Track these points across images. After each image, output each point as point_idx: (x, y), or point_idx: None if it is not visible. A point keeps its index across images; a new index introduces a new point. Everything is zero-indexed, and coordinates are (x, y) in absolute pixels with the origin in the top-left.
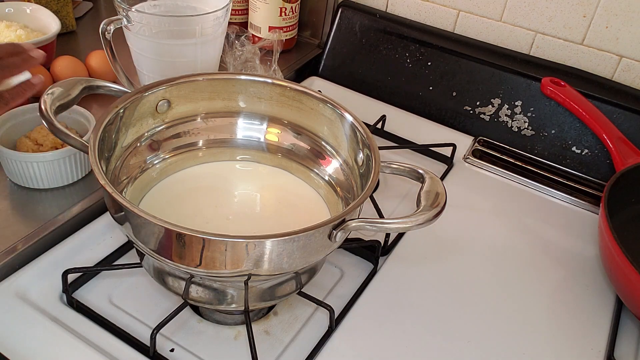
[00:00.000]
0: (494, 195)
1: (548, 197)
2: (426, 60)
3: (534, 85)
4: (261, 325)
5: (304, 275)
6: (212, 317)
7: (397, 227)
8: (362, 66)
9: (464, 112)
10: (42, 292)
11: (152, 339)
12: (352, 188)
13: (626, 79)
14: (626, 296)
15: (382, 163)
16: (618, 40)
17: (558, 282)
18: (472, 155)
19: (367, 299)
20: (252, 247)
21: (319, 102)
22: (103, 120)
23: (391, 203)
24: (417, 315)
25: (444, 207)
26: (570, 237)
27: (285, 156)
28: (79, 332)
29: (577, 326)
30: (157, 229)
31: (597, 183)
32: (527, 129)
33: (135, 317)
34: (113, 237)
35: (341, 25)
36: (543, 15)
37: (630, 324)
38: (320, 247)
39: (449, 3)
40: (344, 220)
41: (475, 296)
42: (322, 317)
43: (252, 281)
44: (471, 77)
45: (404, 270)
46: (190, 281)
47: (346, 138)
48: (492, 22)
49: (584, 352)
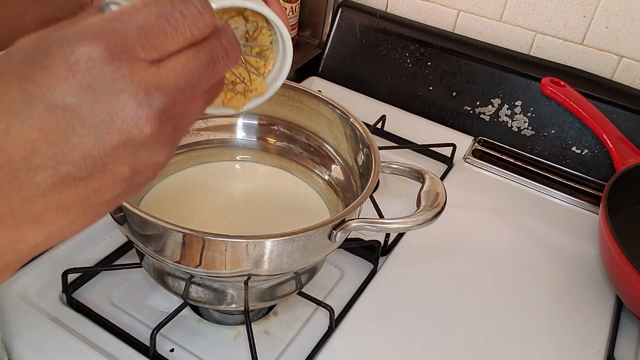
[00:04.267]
0: (494, 195)
1: (548, 197)
2: (426, 60)
3: (534, 85)
4: (261, 325)
5: (304, 275)
6: (212, 317)
7: (397, 227)
8: (362, 66)
9: (464, 112)
10: (42, 292)
11: (152, 339)
12: (352, 188)
13: (626, 79)
14: (626, 296)
15: (382, 163)
16: (618, 40)
17: (558, 282)
18: (472, 155)
19: (367, 299)
20: (252, 247)
21: (319, 102)
22: None
23: (391, 203)
24: (417, 315)
25: (443, 207)
26: (570, 237)
27: (285, 156)
28: (79, 332)
29: (577, 326)
30: (157, 229)
31: (597, 183)
32: (527, 129)
33: (135, 317)
34: (113, 237)
35: (341, 25)
36: (543, 15)
37: (630, 324)
38: (320, 247)
39: (449, 3)
40: (344, 220)
41: (475, 296)
42: (322, 317)
43: (252, 281)
44: (471, 77)
45: (404, 271)
46: (190, 281)
47: (346, 138)
48: (492, 22)
49: (584, 352)
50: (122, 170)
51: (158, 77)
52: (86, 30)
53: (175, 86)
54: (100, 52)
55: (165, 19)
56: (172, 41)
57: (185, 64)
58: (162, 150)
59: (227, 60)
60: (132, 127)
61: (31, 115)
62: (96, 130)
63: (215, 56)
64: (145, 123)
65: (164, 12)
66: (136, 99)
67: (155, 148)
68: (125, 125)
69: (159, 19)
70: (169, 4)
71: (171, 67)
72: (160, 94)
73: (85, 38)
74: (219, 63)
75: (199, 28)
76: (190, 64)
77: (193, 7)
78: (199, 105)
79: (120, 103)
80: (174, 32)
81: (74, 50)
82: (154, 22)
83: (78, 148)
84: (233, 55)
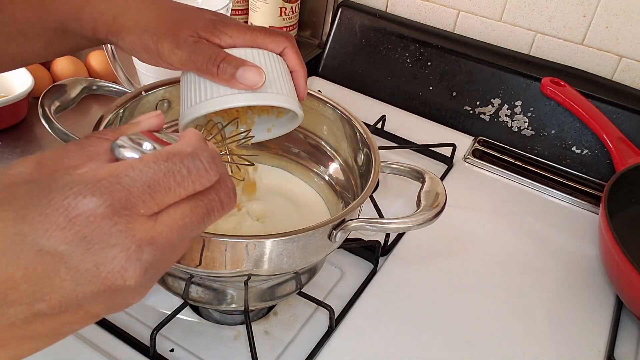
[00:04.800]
0: (494, 195)
1: (548, 197)
2: (426, 60)
3: (534, 85)
4: (261, 325)
5: (304, 275)
6: (212, 317)
7: (397, 227)
8: (362, 66)
9: (464, 112)
10: None
11: (152, 339)
12: (352, 188)
13: (626, 79)
14: (626, 296)
15: (382, 163)
16: (618, 40)
17: (558, 282)
18: (472, 155)
19: (367, 299)
20: (252, 247)
21: (319, 102)
22: (103, 120)
23: (391, 203)
24: (417, 315)
25: (443, 207)
26: (570, 237)
27: (285, 156)
28: (78, 332)
29: (577, 326)
30: None
31: (597, 183)
32: (527, 129)
33: (135, 317)
34: None
35: (341, 25)
36: (543, 15)
37: (630, 324)
38: (320, 247)
39: (449, 3)
40: (344, 220)
41: (475, 296)
42: (322, 317)
43: (252, 281)
44: (471, 77)
45: (404, 271)
46: (190, 281)
47: (346, 138)
48: (492, 22)
49: (584, 352)
50: (96, 309)
51: (153, 233)
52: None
53: (168, 241)
54: (104, 210)
55: (173, 176)
56: (173, 195)
57: (181, 219)
58: (139, 294)
59: (221, 212)
60: (116, 278)
61: (20, 256)
62: (80, 277)
63: (211, 209)
64: (131, 276)
65: (173, 169)
66: (127, 253)
67: (133, 293)
68: (111, 276)
69: (167, 176)
70: (179, 161)
71: (167, 222)
72: (151, 249)
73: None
74: (213, 216)
75: (202, 183)
76: (186, 219)
77: (200, 164)
78: (182, 249)
79: (111, 256)
80: (177, 188)
81: (77, 205)
82: (161, 179)
83: (57, 290)
84: (228, 207)
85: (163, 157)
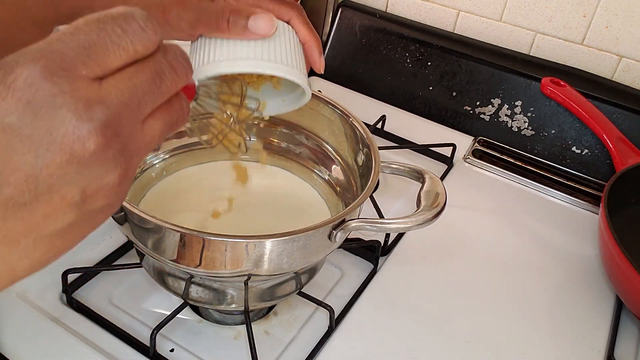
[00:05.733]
0: (494, 195)
1: (548, 197)
2: (426, 60)
3: (534, 85)
4: (261, 325)
5: (304, 275)
6: (212, 317)
7: (397, 227)
8: (362, 66)
9: (464, 112)
10: (42, 292)
11: (152, 339)
12: (352, 188)
13: (626, 79)
14: (626, 296)
15: (382, 163)
16: (618, 40)
17: (558, 282)
18: (472, 155)
19: (367, 299)
20: (252, 247)
21: (319, 102)
22: None
23: (391, 203)
24: (417, 315)
25: (443, 207)
26: (570, 237)
27: (285, 156)
28: (79, 332)
29: (577, 326)
30: (157, 229)
31: (597, 183)
32: (527, 129)
33: (135, 317)
34: (113, 237)
35: (341, 25)
36: (543, 15)
37: (630, 324)
38: (320, 247)
39: (449, 3)
40: (344, 220)
41: (475, 296)
42: (322, 317)
43: (252, 281)
44: (471, 77)
45: (404, 271)
46: (190, 281)
47: (346, 138)
48: (492, 22)
49: (584, 352)
50: (71, 192)
51: (100, 92)
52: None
53: (119, 100)
54: (39, 70)
55: (107, 34)
56: (114, 57)
57: (128, 79)
58: (112, 170)
59: (174, 75)
60: (73, 142)
61: None
62: (37, 147)
63: (161, 71)
64: (87, 137)
65: (105, 28)
66: (75, 113)
67: (103, 167)
68: (66, 140)
69: (100, 35)
70: (111, 21)
71: (114, 83)
72: (102, 107)
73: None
74: (166, 78)
75: (142, 43)
76: (134, 78)
77: (135, 24)
78: (153, 127)
79: (60, 117)
80: (115, 48)
81: (13, 69)
82: (95, 38)
83: (20, 167)
84: (181, 70)
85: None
